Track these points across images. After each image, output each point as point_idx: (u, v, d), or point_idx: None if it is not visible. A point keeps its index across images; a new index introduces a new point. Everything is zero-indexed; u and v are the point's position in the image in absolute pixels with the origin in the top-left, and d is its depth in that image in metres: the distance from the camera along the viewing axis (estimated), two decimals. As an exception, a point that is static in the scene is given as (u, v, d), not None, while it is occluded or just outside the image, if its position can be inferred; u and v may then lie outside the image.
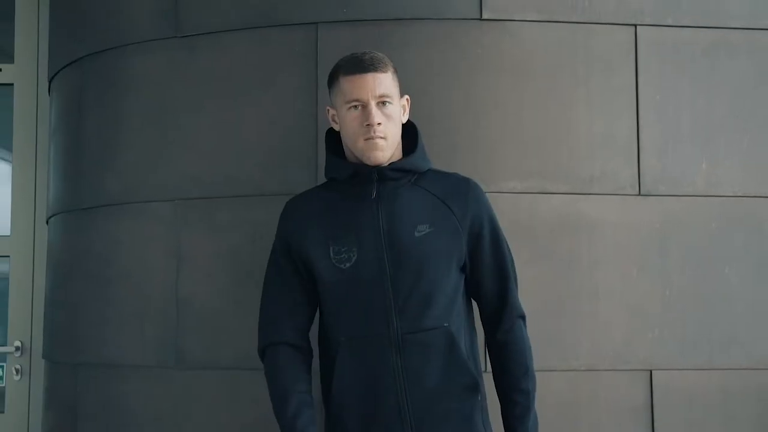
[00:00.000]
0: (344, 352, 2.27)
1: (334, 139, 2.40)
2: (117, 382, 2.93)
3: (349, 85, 2.26)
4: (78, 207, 3.08)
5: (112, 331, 2.95)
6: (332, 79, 2.34)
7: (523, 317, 2.40)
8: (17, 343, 3.87)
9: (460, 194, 2.35)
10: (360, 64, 2.26)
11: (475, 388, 2.30)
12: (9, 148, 3.98)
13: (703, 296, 2.82)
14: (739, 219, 2.86)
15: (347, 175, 2.32)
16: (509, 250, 2.40)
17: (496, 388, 2.36)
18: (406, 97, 2.36)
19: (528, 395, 2.34)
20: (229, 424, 2.70)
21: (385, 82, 2.27)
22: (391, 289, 2.25)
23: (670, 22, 2.85)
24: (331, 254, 2.28)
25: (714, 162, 2.83)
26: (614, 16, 2.83)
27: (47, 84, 3.72)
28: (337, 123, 2.36)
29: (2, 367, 3.92)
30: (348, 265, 2.27)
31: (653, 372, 2.75)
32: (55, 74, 3.30)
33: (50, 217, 3.39)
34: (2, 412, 3.88)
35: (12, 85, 3.95)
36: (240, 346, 2.64)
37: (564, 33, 2.78)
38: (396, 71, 2.31)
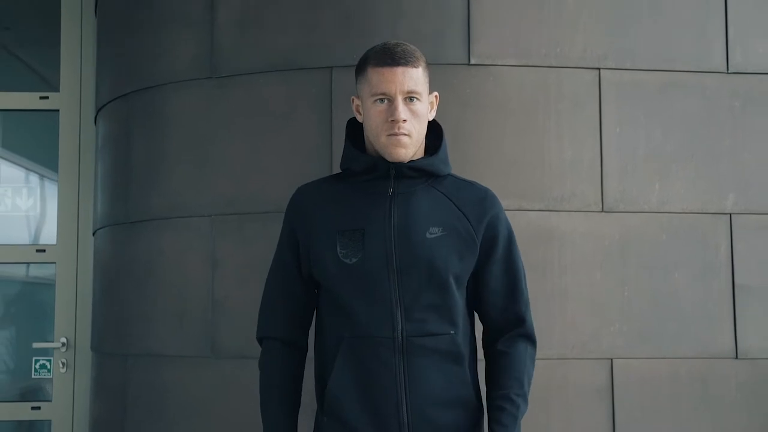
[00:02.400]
0: (344, 351, 2.12)
1: (354, 130, 2.26)
2: (160, 370, 3.28)
3: (377, 77, 2.11)
4: (126, 221, 3.44)
5: (156, 326, 3.30)
6: (361, 69, 2.18)
7: (532, 340, 2.22)
8: (63, 339, 4.22)
9: (477, 202, 2.21)
10: (391, 57, 2.11)
11: (477, 405, 2.16)
12: (55, 168, 4.32)
13: (655, 296, 3.12)
14: (686, 232, 3.16)
15: (364, 167, 2.17)
16: (524, 270, 2.25)
17: (486, 403, 2.18)
18: (435, 93, 2.21)
19: (518, 407, 2.13)
20: (258, 406, 3.08)
21: (415, 77, 2.11)
22: (398, 289, 2.11)
23: (628, 66, 3.17)
24: (338, 247, 2.13)
25: (665, 184, 3.15)
26: (581, 61, 3.15)
27: (90, 111, 4.10)
28: (360, 114, 2.20)
29: (50, 360, 4.27)
30: (354, 260, 2.12)
31: (613, 360, 3.07)
32: (103, 106, 3.66)
33: (97, 230, 3.74)
34: (50, 400, 4.22)
35: (58, 111, 4.31)
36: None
37: (539, 75, 3.11)
38: (428, 66, 2.16)
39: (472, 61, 3.08)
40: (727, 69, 3.24)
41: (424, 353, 2.10)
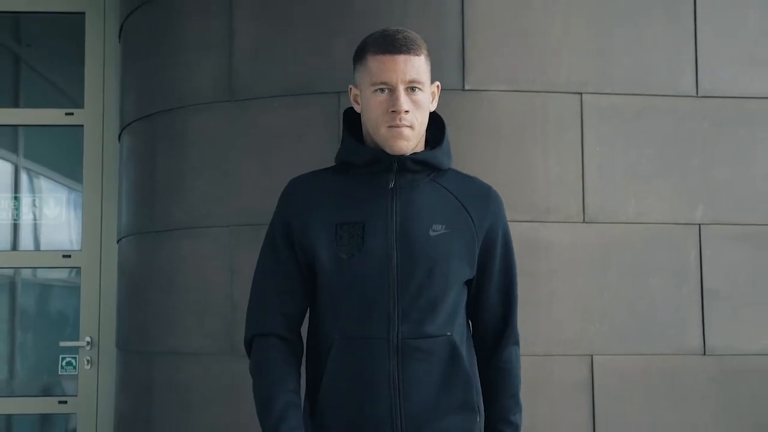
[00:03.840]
0: (337, 352, 1.99)
1: (352, 120, 2.12)
2: (183, 366, 3.51)
3: (377, 65, 1.97)
4: (151, 230, 3.68)
5: (179, 326, 3.54)
6: (359, 56, 2.05)
7: (518, 343, 2.16)
8: (88, 339, 4.42)
9: (480, 200, 2.09)
10: (392, 44, 1.96)
11: (475, 407, 2.05)
12: (79, 179, 4.54)
13: (632, 299, 3.31)
14: (660, 241, 3.35)
15: (366, 160, 2.03)
16: (516, 269, 2.17)
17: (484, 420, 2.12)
18: (437, 83, 2.08)
19: (516, 428, 2.10)
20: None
21: (417, 65, 1.97)
22: (396, 288, 1.97)
23: (608, 91, 3.36)
24: (335, 242, 1.99)
25: (641, 198, 3.35)
26: (565, 86, 3.35)
27: (112, 127, 4.31)
28: (359, 104, 2.07)
29: (75, 358, 4.46)
30: (352, 255, 1.97)
31: (594, 357, 3.27)
32: (128, 124, 3.90)
33: (122, 238, 3.98)
34: (75, 395, 4.43)
35: (82, 126, 4.52)
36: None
37: (527, 99, 3.32)
38: (429, 54, 2.02)
39: (467, 87, 3.29)
40: (697, 93, 3.43)
41: (420, 356, 1.97)
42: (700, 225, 3.40)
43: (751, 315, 3.42)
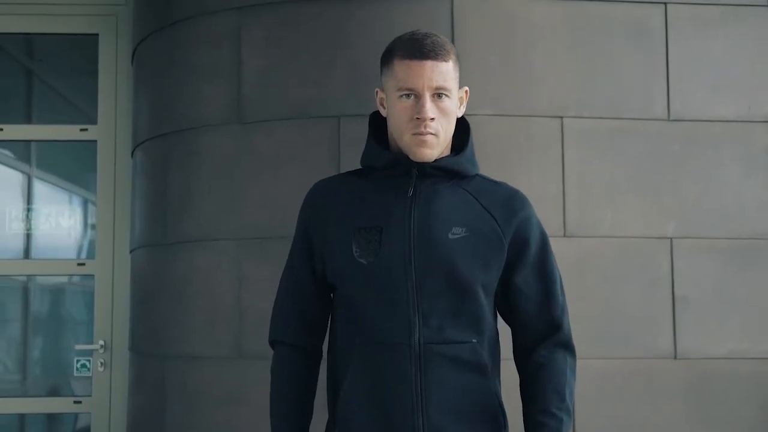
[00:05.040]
0: (357, 359, 1.94)
1: (377, 123, 2.06)
2: (195, 369, 3.70)
3: (404, 70, 1.90)
4: (163, 243, 3.88)
5: (191, 332, 3.73)
6: (386, 60, 1.97)
7: (571, 351, 2.03)
8: (101, 342, 4.60)
9: (505, 203, 2.02)
10: (419, 49, 1.90)
11: (499, 419, 1.96)
12: (93, 190, 4.72)
13: (608, 306, 3.46)
14: (635, 253, 3.50)
15: (385, 164, 1.99)
16: (559, 273, 2.07)
17: (523, 421, 1.99)
18: (465, 89, 2.02)
19: (560, 421, 1.92)
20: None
21: (444, 71, 1.91)
22: (416, 292, 1.90)
23: (587, 115, 3.53)
24: (354, 246, 1.93)
25: (617, 213, 3.52)
26: (546, 110, 3.51)
27: (124, 142, 4.51)
28: (384, 108, 2.00)
29: (89, 360, 4.64)
30: (370, 260, 1.92)
31: None
32: (142, 143, 4.11)
33: (135, 248, 4.19)
34: (90, 395, 4.61)
35: (96, 141, 4.70)
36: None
37: (511, 122, 3.50)
38: (458, 59, 1.96)
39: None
40: (668, 117, 3.59)
41: (443, 362, 1.90)
42: (671, 239, 3.57)
43: (719, 321, 3.60)
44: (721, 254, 3.63)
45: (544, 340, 2.02)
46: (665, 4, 3.67)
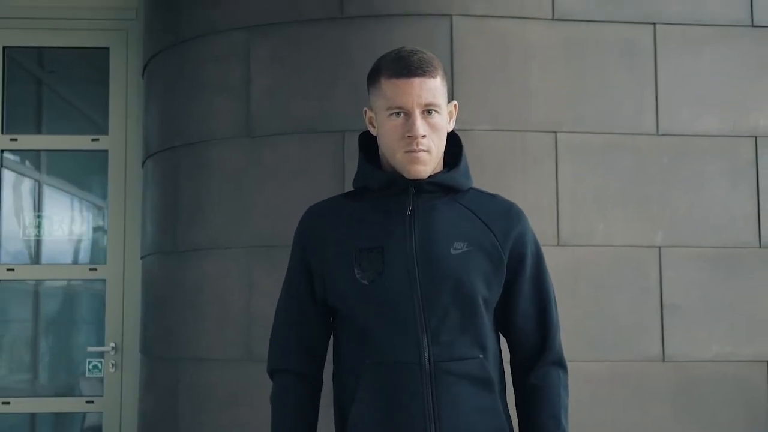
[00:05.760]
0: (366, 379, 1.90)
1: (367, 142, 2.04)
2: (206, 370, 3.85)
3: (392, 89, 1.88)
4: (174, 250, 4.03)
5: (202, 335, 3.89)
6: (373, 79, 1.95)
7: (563, 367, 2.04)
8: (112, 344, 4.74)
9: (502, 216, 2.01)
10: (406, 67, 1.88)
11: None
12: (104, 198, 4.85)
13: (600, 312, 3.59)
14: (624, 261, 3.64)
15: (381, 185, 1.96)
16: (553, 288, 2.07)
17: None
18: (454, 103, 2.01)
19: None
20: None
21: (433, 88, 1.88)
22: (423, 309, 1.87)
23: (579, 130, 3.66)
24: (355, 267, 1.90)
25: (608, 223, 3.65)
26: (541, 125, 3.64)
27: (134, 151, 4.65)
28: (374, 127, 1.97)
29: (101, 362, 4.78)
30: (374, 280, 1.89)
31: (567, 363, 3.38)
32: (152, 154, 4.25)
33: (146, 255, 4.33)
34: (101, 395, 4.76)
35: (107, 151, 4.84)
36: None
37: (507, 137, 3.64)
38: (445, 74, 1.95)
39: (455, 128, 3.59)
40: (657, 132, 3.73)
41: (452, 379, 1.88)
42: (660, 248, 3.70)
43: (705, 326, 3.73)
44: (707, 263, 3.77)
45: (539, 358, 2.02)
46: (654, 24, 3.82)
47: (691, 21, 3.86)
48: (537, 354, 2.01)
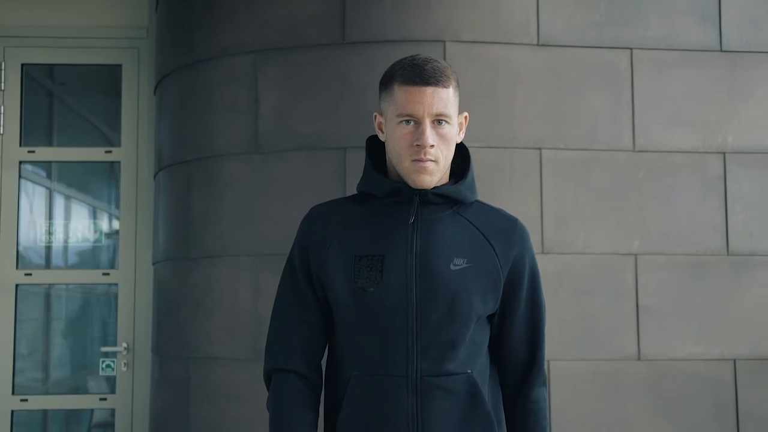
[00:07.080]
0: (353, 389, 1.88)
1: (375, 147, 2.00)
2: (216, 369, 4.08)
3: (404, 96, 1.84)
4: (186, 257, 4.26)
5: (213, 336, 4.11)
6: (386, 84, 1.91)
7: (545, 384, 2.03)
8: (124, 344, 4.95)
9: (504, 232, 1.95)
10: (420, 75, 1.84)
11: None
12: (117, 205, 5.09)
13: (581, 315, 3.78)
14: (603, 268, 3.82)
15: (386, 193, 1.92)
16: (545, 307, 2.03)
17: None
18: (465, 114, 1.98)
19: None
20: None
21: (445, 98, 1.85)
22: (416, 323, 1.84)
23: (562, 146, 3.85)
24: (354, 274, 1.87)
25: (588, 233, 3.85)
26: (527, 142, 3.82)
27: (145, 163, 4.88)
28: (383, 132, 1.94)
29: (114, 361, 4.99)
30: (371, 289, 1.85)
31: (551, 362, 3.70)
32: (165, 167, 4.48)
33: (159, 261, 4.56)
34: (114, 393, 4.98)
35: (119, 162, 5.08)
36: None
37: (495, 153, 3.84)
38: (458, 84, 1.91)
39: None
40: (634, 148, 3.90)
41: (440, 394, 1.84)
42: (636, 255, 3.88)
43: (677, 327, 3.92)
44: (679, 269, 3.96)
45: (528, 377, 2.00)
46: (631, 49, 4.06)
47: (665, 46, 4.09)
48: (526, 372, 2.00)
